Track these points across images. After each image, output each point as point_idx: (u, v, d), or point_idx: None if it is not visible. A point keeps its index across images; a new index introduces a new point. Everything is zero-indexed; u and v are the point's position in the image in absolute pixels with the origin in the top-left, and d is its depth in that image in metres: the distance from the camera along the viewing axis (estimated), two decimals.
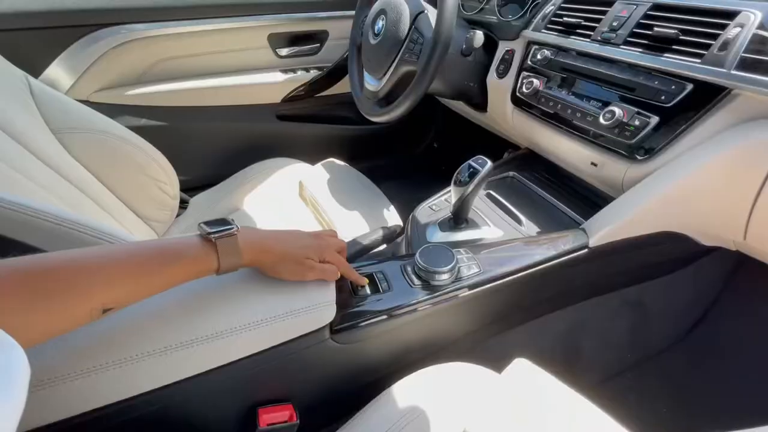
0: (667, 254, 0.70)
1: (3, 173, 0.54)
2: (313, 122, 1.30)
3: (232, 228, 0.39)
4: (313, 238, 0.47)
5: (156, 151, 0.83)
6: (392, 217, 0.91)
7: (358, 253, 0.72)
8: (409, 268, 0.54)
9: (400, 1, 0.80)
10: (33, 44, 0.88)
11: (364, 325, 0.48)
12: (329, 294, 0.46)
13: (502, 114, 0.87)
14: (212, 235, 0.38)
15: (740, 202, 0.50)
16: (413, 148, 1.53)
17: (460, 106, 1.09)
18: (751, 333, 0.84)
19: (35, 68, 0.88)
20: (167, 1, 0.98)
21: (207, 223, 0.40)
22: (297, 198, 1.02)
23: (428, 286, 0.52)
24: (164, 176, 0.85)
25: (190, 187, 1.05)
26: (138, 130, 0.82)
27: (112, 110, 0.98)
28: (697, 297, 0.85)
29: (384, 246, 0.77)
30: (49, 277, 0.30)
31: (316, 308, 0.44)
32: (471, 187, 0.62)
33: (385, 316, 0.49)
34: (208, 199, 1.00)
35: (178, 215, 0.94)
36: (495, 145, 1.06)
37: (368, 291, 0.52)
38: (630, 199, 0.59)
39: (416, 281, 0.53)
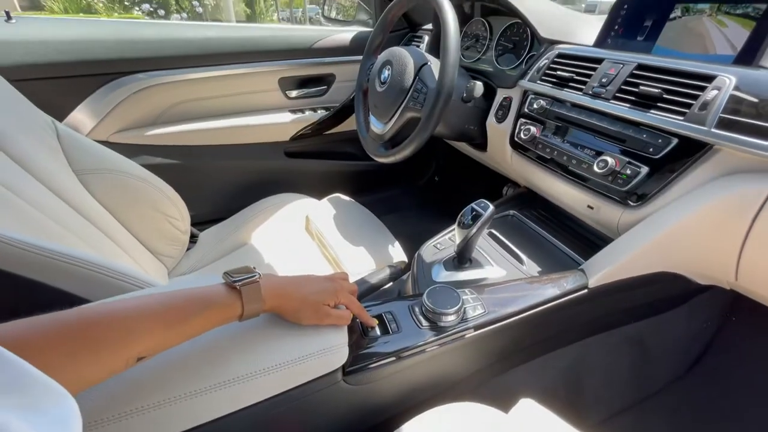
0: (664, 293, 0.73)
1: (33, 217, 0.57)
2: (320, 158, 1.35)
3: (255, 275, 0.42)
4: (328, 282, 0.50)
5: (169, 188, 0.87)
6: (397, 252, 0.94)
7: (366, 291, 0.74)
8: (416, 309, 0.57)
9: (405, 53, 0.87)
10: (61, 91, 0.94)
11: (374, 367, 0.50)
12: (342, 337, 0.48)
13: (501, 155, 0.92)
14: (237, 283, 0.41)
15: (729, 248, 0.54)
16: (415, 182, 1.58)
17: (461, 145, 1.14)
18: (752, 369, 0.85)
19: (61, 112, 0.94)
20: (185, 50, 1.05)
21: (231, 272, 0.42)
22: (303, 232, 1.05)
23: (435, 327, 0.54)
24: (176, 212, 0.88)
25: (200, 222, 1.09)
26: (153, 168, 0.86)
27: (130, 150, 1.03)
28: (696, 333, 0.87)
29: (390, 283, 0.80)
30: (91, 331, 0.32)
31: (331, 351, 0.46)
32: (474, 229, 0.65)
33: (394, 358, 0.51)
34: (217, 234, 1.03)
35: (188, 249, 0.97)
36: (494, 180, 1.10)
37: (378, 332, 0.54)
38: (625, 243, 0.62)
39: (424, 322, 0.55)
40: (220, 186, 1.23)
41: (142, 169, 0.83)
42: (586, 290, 0.62)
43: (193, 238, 1.00)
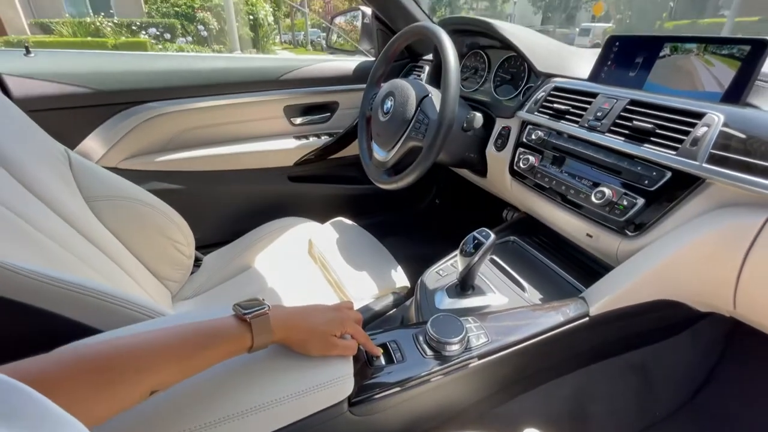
0: (665, 320, 0.73)
1: (45, 246, 0.58)
2: (323, 182, 1.38)
3: (264, 307, 0.44)
4: (335, 312, 0.51)
5: (175, 213, 0.88)
6: (399, 277, 0.95)
7: (370, 318, 0.75)
8: (420, 338, 0.58)
9: (407, 85, 0.90)
10: (74, 120, 0.97)
11: (380, 397, 0.51)
12: (348, 367, 0.49)
13: (501, 182, 0.94)
14: (247, 315, 0.42)
15: (725, 278, 0.55)
16: (417, 205, 1.60)
17: (461, 170, 1.16)
18: (755, 396, 0.85)
19: (74, 140, 0.97)
20: (193, 80, 1.09)
21: (241, 304, 0.44)
22: (306, 256, 1.06)
23: (440, 356, 0.55)
24: (182, 237, 0.90)
25: (204, 245, 1.10)
26: (160, 192, 0.88)
27: (138, 176, 1.06)
28: (699, 360, 0.87)
29: (394, 310, 0.80)
30: (109, 367, 0.33)
31: (337, 382, 0.47)
32: (476, 257, 0.66)
33: (399, 388, 0.52)
34: (221, 258, 1.04)
35: (191, 273, 0.98)
36: (495, 203, 1.12)
37: (383, 361, 0.55)
38: (625, 271, 0.63)
39: (428, 351, 0.56)
40: (224, 210, 1.25)
41: (150, 194, 0.85)
42: (587, 318, 0.63)
43: (197, 262, 1.01)
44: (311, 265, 1.03)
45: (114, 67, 1.01)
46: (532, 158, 0.80)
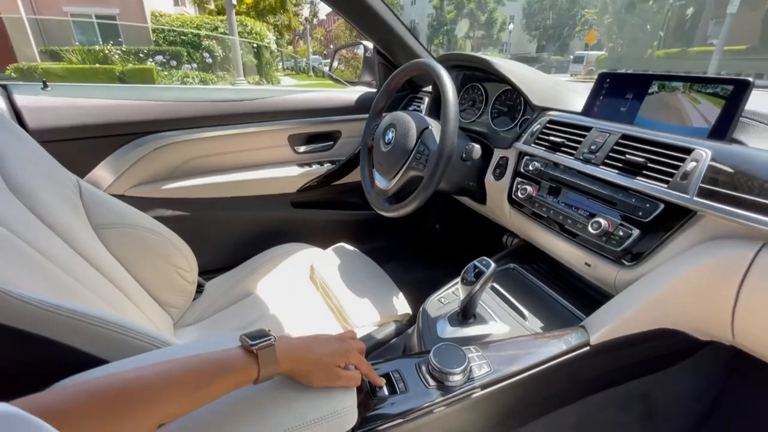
0: (666, 348, 0.74)
1: (53, 275, 0.59)
2: (325, 208, 1.41)
3: (271, 338, 0.44)
4: (339, 342, 0.52)
5: (180, 240, 0.90)
6: (401, 304, 0.96)
7: (373, 347, 0.75)
8: (423, 368, 0.58)
9: (408, 117, 0.94)
10: (85, 150, 1.00)
11: (383, 429, 0.51)
12: (352, 398, 0.49)
13: (500, 209, 0.96)
14: (254, 347, 0.43)
15: (722, 308, 0.56)
16: (417, 230, 1.62)
17: (461, 197, 1.19)
18: (761, 425, 0.84)
19: (84, 169, 1.00)
20: (201, 112, 1.13)
21: (248, 335, 0.45)
22: (308, 282, 1.07)
23: (442, 386, 0.55)
24: (185, 264, 0.91)
25: (206, 270, 1.11)
26: (165, 219, 0.90)
27: (144, 203, 1.08)
28: (703, 388, 0.87)
29: (396, 338, 0.81)
30: (118, 399, 0.34)
31: (341, 414, 0.47)
32: (477, 286, 0.67)
33: (402, 419, 0.52)
34: (223, 284, 1.05)
35: (194, 299, 0.98)
36: (494, 228, 1.14)
37: (386, 392, 0.55)
38: (624, 300, 0.64)
39: (431, 381, 0.56)
40: (227, 236, 1.27)
41: (155, 221, 0.87)
42: (588, 347, 0.63)
43: (199, 288, 1.02)
44: (313, 291, 1.04)
45: (126, 99, 1.05)
46: (529, 188, 0.82)
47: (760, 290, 0.51)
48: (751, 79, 0.59)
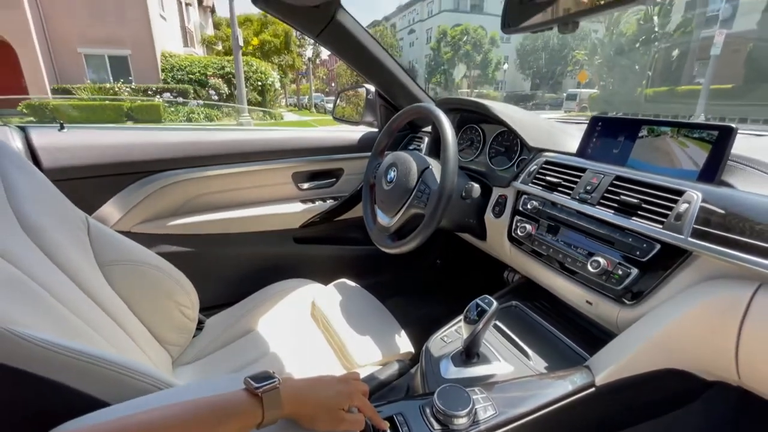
0: (673, 389, 0.73)
1: (59, 313, 0.60)
2: (327, 244, 1.42)
3: (275, 381, 0.44)
4: (343, 384, 0.51)
5: (183, 276, 0.90)
6: (403, 342, 0.95)
7: (376, 387, 0.74)
8: (427, 410, 0.57)
9: (409, 157, 0.97)
10: (95, 188, 1.03)
11: None
12: None
13: (500, 246, 0.98)
14: (259, 390, 0.43)
15: (724, 349, 0.56)
16: (418, 266, 1.62)
17: (462, 233, 1.21)
18: None
19: (93, 207, 1.02)
20: (208, 151, 1.17)
21: (252, 377, 0.45)
22: (309, 319, 1.06)
23: (447, 429, 0.54)
24: (187, 301, 0.91)
25: (208, 306, 1.10)
26: (168, 255, 0.91)
27: (149, 239, 1.09)
28: (714, 430, 0.84)
29: (399, 378, 0.80)
30: None
31: None
32: (480, 325, 0.68)
33: None
34: (224, 321, 1.04)
35: (194, 336, 0.97)
36: (495, 264, 1.14)
37: None
38: (627, 340, 0.65)
39: (436, 425, 0.55)
40: (230, 272, 1.27)
41: (160, 258, 0.88)
42: (593, 388, 0.63)
43: (200, 325, 1.01)
44: (314, 328, 1.03)
45: (137, 140, 1.09)
46: (528, 226, 0.84)
47: (760, 331, 0.52)
48: (734, 125, 0.62)
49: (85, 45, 12.26)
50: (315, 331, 1.01)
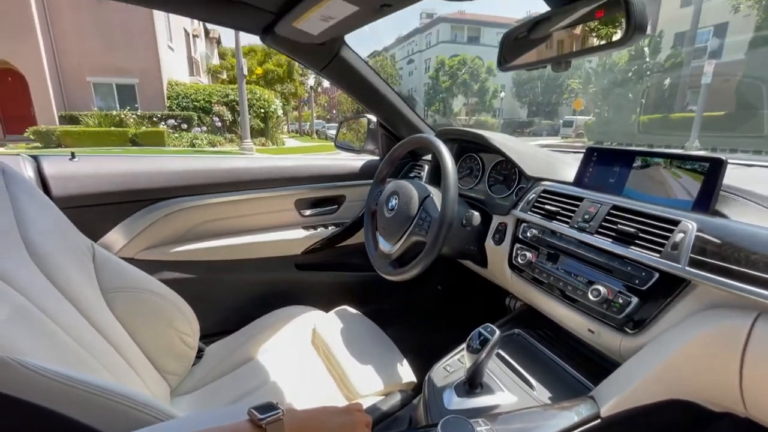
0: (680, 420, 0.71)
1: (61, 341, 0.60)
2: (329, 270, 1.42)
3: (279, 412, 0.44)
4: (346, 415, 0.51)
5: (184, 303, 0.91)
6: (405, 371, 0.94)
7: (379, 419, 0.73)
8: None
9: (410, 186, 1.00)
10: (102, 216, 1.04)
11: None
12: None
13: (501, 273, 0.98)
14: (262, 421, 0.43)
15: (728, 380, 0.56)
16: (420, 292, 1.62)
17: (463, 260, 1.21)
18: None
19: (99, 233, 1.03)
20: (212, 179, 1.20)
21: (256, 408, 0.44)
22: (310, 347, 1.05)
23: None
24: (188, 328, 0.91)
25: (208, 334, 1.10)
26: (171, 282, 0.92)
27: (152, 266, 1.10)
28: None
29: (402, 409, 0.78)
30: None
31: None
32: (483, 354, 0.67)
33: None
34: (224, 349, 1.03)
35: (193, 364, 0.96)
36: (497, 290, 1.14)
37: None
38: (631, 370, 0.64)
39: None
40: (231, 299, 1.27)
41: (162, 285, 0.88)
42: (599, 420, 0.62)
43: (199, 353, 1.00)
44: (315, 357, 1.02)
45: (145, 168, 1.12)
46: (529, 254, 0.85)
47: (762, 362, 0.52)
48: (724, 157, 0.64)
49: (94, 74, 12.66)
50: (316, 360, 1.01)
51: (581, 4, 0.61)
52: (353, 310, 1.16)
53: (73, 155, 1.02)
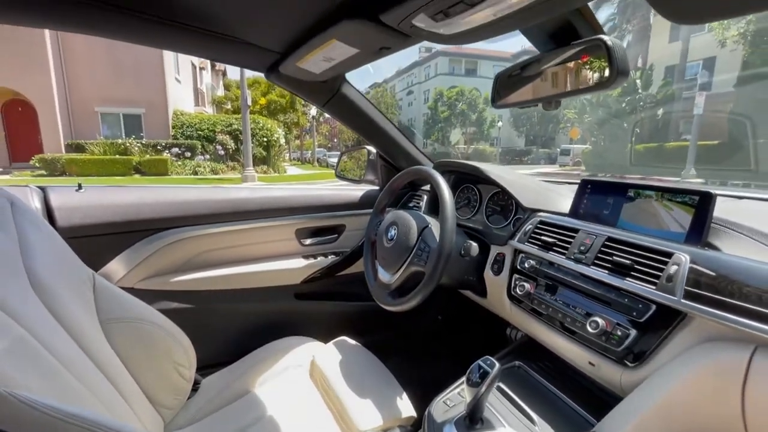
0: None
1: (57, 372, 0.59)
2: (328, 299, 1.42)
3: None
4: None
5: (182, 334, 0.90)
6: (405, 405, 0.92)
7: None
8: None
9: (409, 217, 1.02)
10: (105, 245, 1.06)
11: None
12: None
13: (500, 304, 0.98)
14: None
15: (731, 415, 0.55)
16: (419, 322, 1.60)
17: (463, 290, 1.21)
18: None
19: (100, 263, 1.04)
20: (214, 209, 1.22)
21: None
22: (308, 380, 1.04)
23: None
24: (185, 360, 0.90)
25: (205, 365, 1.08)
26: (169, 312, 0.91)
27: (151, 296, 1.10)
28: None
29: None
30: None
31: None
32: (483, 388, 0.67)
33: None
34: (220, 381, 1.02)
35: (188, 397, 0.94)
36: (497, 320, 1.13)
37: None
38: (632, 405, 0.63)
39: None
40: (229, 329, 1.26)
41: (160, 315, 0.88)
42: None
43: (195, 386, 0.99)
44: (313, 390, 1.00)
45: (149, 199, 1.14)
46: (527, 285, 0.85)
47: (763, 396, 0.51)
48: (712, 191, 0.66)
49: (102, 105, 13.04)
50: (314, 393, 0.99)
51: (568, 48, 0.65)
52: (352, 341, 1.14)
53: (80, 186, 1.05)
